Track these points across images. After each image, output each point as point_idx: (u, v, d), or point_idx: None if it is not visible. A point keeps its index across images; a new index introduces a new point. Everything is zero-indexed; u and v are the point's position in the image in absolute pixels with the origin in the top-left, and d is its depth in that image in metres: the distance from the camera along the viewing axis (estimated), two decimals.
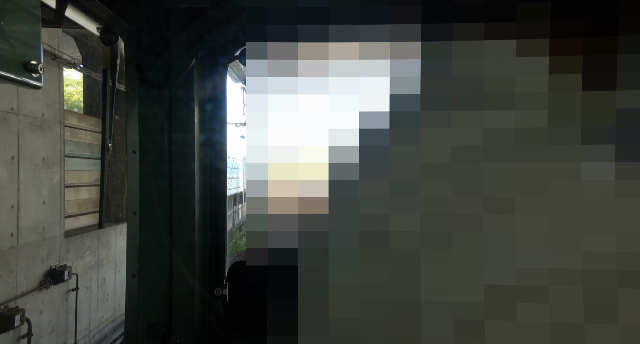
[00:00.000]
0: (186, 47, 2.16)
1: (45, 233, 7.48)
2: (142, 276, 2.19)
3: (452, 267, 0.76)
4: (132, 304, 2.20)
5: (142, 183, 2.19)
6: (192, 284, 2.19)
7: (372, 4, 0.57)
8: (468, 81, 0.76)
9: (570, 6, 0.55)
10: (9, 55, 1.31)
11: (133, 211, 2.20)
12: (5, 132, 6.47)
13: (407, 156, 0.90)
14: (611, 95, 0.59)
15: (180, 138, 2.20)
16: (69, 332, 8.39)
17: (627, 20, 0.53)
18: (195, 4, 2.10)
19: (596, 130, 0.67)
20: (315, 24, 0.60)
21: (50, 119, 7.62)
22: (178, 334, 2.19)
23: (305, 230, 1.15)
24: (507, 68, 0.59)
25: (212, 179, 2.35)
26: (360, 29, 0.79)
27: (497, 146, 0.68)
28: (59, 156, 7.93)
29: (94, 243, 9.36)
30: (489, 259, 0.75)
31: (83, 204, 9.76)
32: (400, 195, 0.89)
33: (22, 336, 6.80)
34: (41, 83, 1.44)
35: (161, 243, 2.20)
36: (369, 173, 1.13)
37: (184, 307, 2.20)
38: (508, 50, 0.59)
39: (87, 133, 9.75)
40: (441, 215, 0.82)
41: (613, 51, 0.54)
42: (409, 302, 0.69)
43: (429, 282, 0.79)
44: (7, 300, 6.47)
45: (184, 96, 2.19)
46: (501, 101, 0.70)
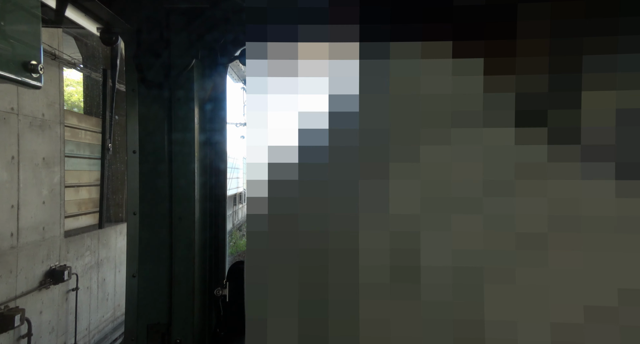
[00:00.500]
0: (186, 47, 2.16)
1: (45, 233, 7.48)
2: (142, 276, 2.19)
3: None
4: (132, 304, 2.20)
5: (142, 183, 2.19)
6: (192, 284, 2.19)
7: (372, 4, 0.57)
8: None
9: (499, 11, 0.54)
10: (9, 55, 1.31)
11: (133, 211, 2.20)
12: (5, 132, 6.47)
13: (406, 159, 0.90)
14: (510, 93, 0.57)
15: (180, 138, 2.20)
16: (69, 332, 8.39)
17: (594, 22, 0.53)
18: (195, 4, 2.10)
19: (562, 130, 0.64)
20: (315, 24, 0.60)
21: (50, 119, 7.62)
22: (178, 334, 2.19)
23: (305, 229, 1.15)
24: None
25: (212, 179, 2.35)
26: (361, 29, 0.79)
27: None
28: (59, 156, 7.93)
29: (94, 243, 9.36)
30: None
31: (83, 204, 9.76)
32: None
33: (22, 336, 6.80)
34: (41, 83, 1.44)
35: (161, 243, 2.20)
36: (368, 174, 1.13)
37: (184, 307, 2.19)
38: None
39: (87, 133, 9.75)
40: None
41: (512, 54, 0.54)
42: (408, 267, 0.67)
43: (426, 245, 0.75)
44: (7, 300, 6.47)
45: (184, 96, 2.19)
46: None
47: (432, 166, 0.54)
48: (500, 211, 0.51)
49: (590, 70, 0.57)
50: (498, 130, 0.53)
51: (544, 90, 0.56)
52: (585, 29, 0.59)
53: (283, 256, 0.96)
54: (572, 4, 0.54)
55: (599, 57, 0.53)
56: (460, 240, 0.53)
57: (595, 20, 0.60)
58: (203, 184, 2.29)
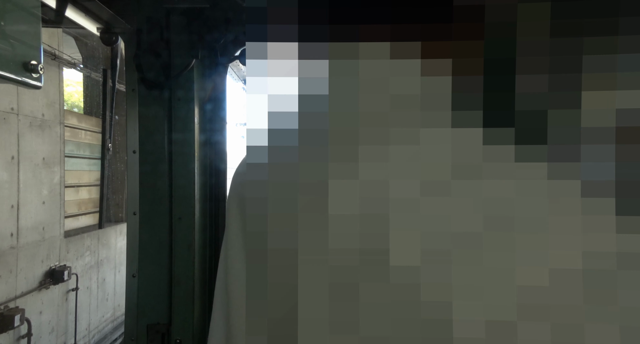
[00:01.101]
0: (186, 47, 2.16)
1: (45, 233, 7.48)
2: (142, 276, 2.19)
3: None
4: (132, 304, 2.20)
5: (142, 183, 2.19)
6: (192, 284, 2.19)
7: (372, 4, 0.57)
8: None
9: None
10: (9, 55, 1.31)
11: (133, 211, 2.20)
12: (5, 132, 6.47)
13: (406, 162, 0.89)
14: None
15: (180, 138, 2.20)
16: (69, 332, 8.39)
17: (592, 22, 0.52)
18: (195, 4, 2.10)
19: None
20: (315, 24, 0.60)
21: (50, 119, 7.62)
22: (178, 334, 2.19)
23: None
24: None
25: (212, 179, 2.35)
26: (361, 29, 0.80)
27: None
28: (59, 156, 7.93)
29: (93, 243, 9.37)
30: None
31: (83, 204, 9.76)
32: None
33: (22, 336, 6.80)
34: (41, 83, 1.44)
35: (161, 243, 2.20)
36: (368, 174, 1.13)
37: (184, 307, 2.20)
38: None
39: (87, 133, 9.75)
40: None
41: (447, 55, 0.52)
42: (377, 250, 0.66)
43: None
44: (7, 300, 6.47)
45: (184, 96, 2.19)
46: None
47: (370, 166, 0.53)
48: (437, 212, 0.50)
49: (587, 70, 0.57)
50: (436, 130, 0.52)
51: (480, 91, 0.55)
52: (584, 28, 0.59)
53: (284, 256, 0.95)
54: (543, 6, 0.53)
55: (595, 57, 0.53)
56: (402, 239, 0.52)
57: (595, 20, 0.60)
58: (203, 184, 2.29)
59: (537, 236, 0.54)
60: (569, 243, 0.53)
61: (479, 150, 0.54)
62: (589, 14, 0.56)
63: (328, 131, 0.62)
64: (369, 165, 0.58)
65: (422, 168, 0.56)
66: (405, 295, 0.55)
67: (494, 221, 0.55)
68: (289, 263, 0.61)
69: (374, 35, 0.62)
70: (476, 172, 0.54)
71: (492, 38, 0.54)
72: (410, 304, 0.55)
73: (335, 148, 0.61)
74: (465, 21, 0.54)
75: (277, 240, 0.63)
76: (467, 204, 0.55)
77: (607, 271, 0.52)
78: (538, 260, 0.54)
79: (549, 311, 0.53)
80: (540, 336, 0.53)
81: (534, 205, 0.53)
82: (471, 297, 0.55)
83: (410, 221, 0.56)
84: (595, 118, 0.54)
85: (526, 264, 0.54)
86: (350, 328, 0.56)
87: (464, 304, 0.54)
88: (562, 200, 0.53)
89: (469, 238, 0.55)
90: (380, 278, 0.56)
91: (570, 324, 0.53)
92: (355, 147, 0.59)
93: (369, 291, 0.55)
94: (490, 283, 0.54)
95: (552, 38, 0.53)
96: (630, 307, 0.52)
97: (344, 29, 0.63)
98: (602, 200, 0.52)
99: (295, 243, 0.62)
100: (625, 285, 0.52)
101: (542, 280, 0.53)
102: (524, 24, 0.53)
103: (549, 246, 0.53)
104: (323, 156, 0.62)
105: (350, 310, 0.55)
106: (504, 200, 0.55)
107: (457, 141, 0.55)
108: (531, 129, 0.53)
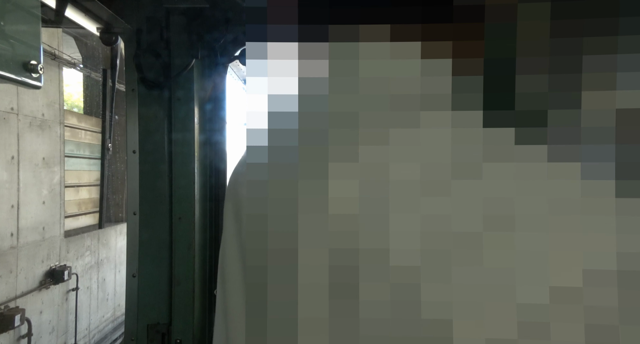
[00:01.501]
0: (186, 47, 2.16)
1: (45, 233, 7.48)
2: (142, 276, 2.19)
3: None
4: (132, 304, 2.20)
5: (142, 183, 2.19)
6: (192, 284, 2.19)
7: (373, 4, 0.56)
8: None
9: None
10: (9, 55, 1.31)
11: (133, 211, 2.20)
12: (5, 132, 6.48)
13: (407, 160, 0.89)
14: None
15: (180, 138, 2.20)
16: (69, 332, 8.40)
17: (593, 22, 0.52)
18: (195, 4, 2.10)
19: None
20: (315, 24, 0.60)
21: (50, 119, 7.62)
22: (178, 334, 2.19)
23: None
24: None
25: (212, 179, 2.35)
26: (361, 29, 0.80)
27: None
28: (59, 156, 7.93)
29: (94, 243, 9.37)
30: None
31: (83, 204, 9.77)
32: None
33: (22, 336, 6.81)
34: (41, 83, 1.44)
35: (161, 243, 2.20)
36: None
37: (184, 307, 2.20)
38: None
39: (87, 133, 9.75)
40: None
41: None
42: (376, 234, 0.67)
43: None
44: (7, 300, 6.48)
45: (184, 96, 2.19)
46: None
47: (371, 166, 0.53)
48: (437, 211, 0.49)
49: (586, 70, 0.57)
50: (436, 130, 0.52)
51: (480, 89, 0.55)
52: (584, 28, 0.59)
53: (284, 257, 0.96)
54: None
55: (594, 57, 0.53)
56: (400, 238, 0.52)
57: (595, 20, 0.60)
58: (203, 184, 2.29)
59: (538, 235, 0.54)
60: (569, 243, 0.53)
61: (479, 150, 0.54)
62: (589, 14, 0.56)
63: (328, 131, 0.62)
64: (369, 165, 0.58)
65: (422, 168, 0.56)
66: (405, 295, 0.55)
67: (494, 220, 0.55)
68: (289, 263, 0.61)
69: (374, 35, 0.62)
70: (476, 171, 0.54)
71: (492, 38, 0.54)
72: (410, 305, 0.55)
73: (335, 149, 0.61)
74: (465, 21, 0.54)
75: (277, 239, 0.63)
76: (467, 204, 0.55)
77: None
78: (538, 259, 0.54)
79: (550, 311, 0.53)
80: (545, 334, 0.54)
81: (534, 204, 0.54)
82: (471, 297, 0.55)
83: (410, 221, 0.56)
84: (595, 118, 0.54)
85: (527, 263, 0.54)
86: (350, 328, 0.56)
87: (464, 303, 0.55)
88: (563, 199, 0.53)
89: (469, 238, 0.55)
90: (380, 278, 0.56)
91: (570, 322, 0.53)
92: (356, 147, 0.59)
93: (369, 291, 0.56)
94: (490, 283, 0.55)
95: (552, 38, 0.54)
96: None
97: (344, 29, 0.63)
98: (603, 199, 0.52)
99: (296, 243, 0.62)
100: (626, 285, 0.52)
101: (543, 280, 0.53)
102: (524, 24, 0.53)
103: (549, 246, 0.53)
104: (323, 156, 0.62)
105: (350, 310, 0.56)
106: (504, 200, 0.55)
107: (457, 141, 0.55)
108: (531, 129, 0.54)
